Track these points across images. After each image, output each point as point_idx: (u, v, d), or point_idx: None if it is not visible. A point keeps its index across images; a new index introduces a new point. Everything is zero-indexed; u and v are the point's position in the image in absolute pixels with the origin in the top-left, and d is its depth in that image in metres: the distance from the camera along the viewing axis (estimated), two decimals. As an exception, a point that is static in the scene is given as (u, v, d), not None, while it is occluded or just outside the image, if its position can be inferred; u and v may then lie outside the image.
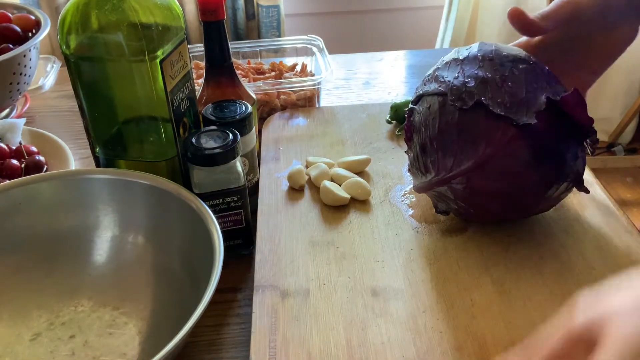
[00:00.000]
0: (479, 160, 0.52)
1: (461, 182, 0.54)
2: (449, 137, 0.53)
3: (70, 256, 0.59)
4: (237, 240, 0.63)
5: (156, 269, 0.58)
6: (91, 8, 0.54)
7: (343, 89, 0.96)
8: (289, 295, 0.54)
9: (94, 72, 0.58)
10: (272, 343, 0.49)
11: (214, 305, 0.57)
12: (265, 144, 0.76)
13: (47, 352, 0.53)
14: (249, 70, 0.89)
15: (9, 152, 0.75)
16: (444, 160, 0.54)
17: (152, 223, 0.59)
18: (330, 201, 0.65)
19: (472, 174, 0.53)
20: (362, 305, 0.52)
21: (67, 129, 0.90)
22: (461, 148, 0.52)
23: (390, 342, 0.49)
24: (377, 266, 0.57)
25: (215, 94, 0.69)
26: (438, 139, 0.54)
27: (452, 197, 0.56)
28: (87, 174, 0.61)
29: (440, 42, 2.23)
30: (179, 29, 0.59)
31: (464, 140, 0.52)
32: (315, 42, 0.92)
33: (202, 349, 0.55)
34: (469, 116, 0.52)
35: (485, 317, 0.51)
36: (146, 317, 0.56)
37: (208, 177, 0.58)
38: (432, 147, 0.55)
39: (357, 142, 0.76)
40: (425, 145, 0.56)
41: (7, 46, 0.84)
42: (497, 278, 0.55)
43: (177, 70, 0.59)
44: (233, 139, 0.59)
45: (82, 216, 0.60)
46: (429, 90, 0.56)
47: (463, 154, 0.52)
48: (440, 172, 0.55)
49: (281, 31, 2.06)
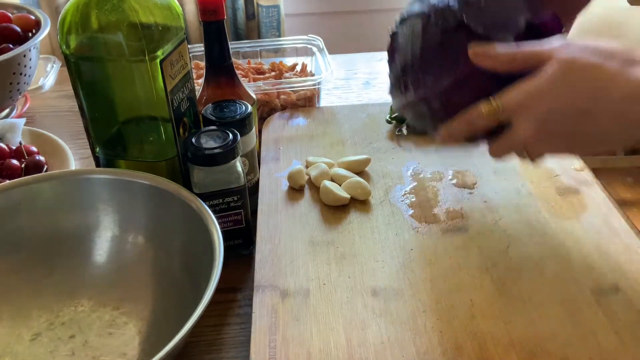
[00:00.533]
0: (458, 78, 0.53)
1: (439, 99, 0.55)
2: (431, 56, 0.55)
3: (70, 256, 0.59)
4: (237, 240, 0.63)
5: (156, 269, 0.58)
6: (91, 8, 0.54)
7: (343, 89, 0.96)
8: (289, 295, 0.54)
9: (94, 72, 0.58)
10: (272, 343, 0.49)
11: (214, 305, 0.57)
12: (265, 144, 0.76)
13: (47, 352, 0.53)
14: (249, 70, 0.89)
15: (9, 152, 0.75)
16: (425, 78, 0.55)
17: (152, 223, 0.59)
18: (330, 201, 0.65)
19: (450, 91, 0.54)
20: (362, 305, 0.52)
21: (67, 129, 0.90)
22: (441, 66, 0.54)
23: (390, 342, 0.49)
24: (377, 266, 0.57)
25: (215, 94, 0.69)
26: (420, 58, 0.55)
27: (429, 114, 0.57)
28: (87, 174, 0.61)
29: (440, 42, 2.23)
30: (179, 29, 0.59)
31: (445, 59, 0.54)
32: (315, 42, 0.92)
33: (202, 349, 0.55)
34: (450, 36, 0.53)
35: (485, 317, 0.51)
36: (146, 317, 0.56)
37: (208, 177, 0.58)
38: (413, 67, 0.56)
39: (357, 142, 0.76)
40: (407, 65, 0.57)
41: (7, 46, 0.84)
42: (497, 278, 0.55)
43: (177, 70, 0.59)
44: (233, 139, 0.59)
45: (82, 216, 0.60)
46: (412, 11, 0.57)
47: (443, 72, 0.54)
48: (421, 90, 0.56)
49: (281, 31, 2.06)
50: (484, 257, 0.57)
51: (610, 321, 0.50)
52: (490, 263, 0.56)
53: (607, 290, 0.53)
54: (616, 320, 0.50)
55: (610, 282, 0.54)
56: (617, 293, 0.53)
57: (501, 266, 0.56)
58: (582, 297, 0.52)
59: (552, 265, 0.56)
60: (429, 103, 0.56)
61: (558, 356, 0.47)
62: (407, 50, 0.57)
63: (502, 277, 0.55)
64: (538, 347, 0.48)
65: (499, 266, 0.56)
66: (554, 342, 0.49)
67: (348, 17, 2.21)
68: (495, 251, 0.58)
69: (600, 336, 0.49)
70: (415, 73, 0.56)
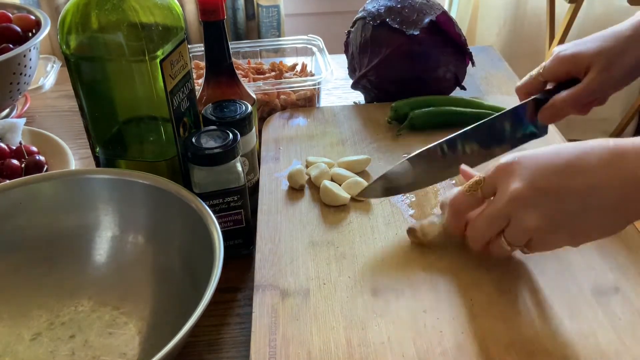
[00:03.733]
0: (382, 58, 0.80)
1: (373, 74, 0.82)
2: (366, 44, 0.82)
3: (70, 256, 0.59)
4: (237, 240, 0.63)
5: (156, 269, 0.58)
6: (91, 8, 0.54)
7: (343, 89, 0.96)
8: (289, 295, 0.54)
9: (94, 72, 0.58)
10: (272, 343, 0.49)
11: (214, 305, 0.57)
12: (265, 144, 0.76)
13: (47, 352, 0.53)
14: (249, 70, 0.89)
15: (9, 152, 0.75)
16: (364, 60, 0.83)
17: (152, 223, 0.59)
18: (330, 201, 0.65)
19: (378, 67, 0.81)
20: (362, 305, 0.52)
21: (67, 129, 0.90)
22: (372, 51, 0.81)
23: (390, 342, 0.49)
24: (377, 266, 0.57)
25: (215, 94, 0.69)
26: (360, 46, 0.83)
27: (369, 87, 0.85)
28: (87, 174, 0.61)
29: (440, 42, 2.23)
30: (179, 29, 0.59)
31: (374, 45, 0.81)
32: (315, 42, 0.92)
33: (202, 349, 0.55)
34: (378, 30, 0.80)
35: (485, 317, 0.51)
36: (146, 317, 0.56)
37: (208, 177, 0.58)
38: (357, 52, 0.84)
39: (357, 142, 0.76)
40: (354, 52, 0.85)
41: (7, 46, 0.84)
42: (497, 278, 0.55)
43: (177, 70, 0.59)
44: (233, 139, 0.59)
45: (82, 216, 0.60)
46: (358, 16, 0.84)
47: (373, 55, 0.81)
48: (362, 69, 0.83)
49: (281, 31, 2.06)
50: (484, 257, 0.57)
51: (610, 321, 0.50)
52: (491, 263, 0.56)
53: (607, 290, 0.53)
54: (616, 320, 0.50)
55: (610, 282, 0.54)
56: (617, 293, 0.53)
57: (501, 266, 0.56)
58: (582, 297, 0.52)
59: (552, 265, 0.56)
60: (368, 77, 0.83)
61: (558, 356, 0.47)
62: (354, 42, 0.85)
63: (502, 277, 0.55)
64: (538, 347, 0.48)
65: (499, 266, 0.56)
66: (554, 342, 0.49)
67: (348, 17, 2.20)
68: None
69: (600, 336, 0.49)
70: (359, 57, 0.84)
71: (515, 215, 0.48)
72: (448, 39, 0.81)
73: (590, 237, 0.49)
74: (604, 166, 0.45)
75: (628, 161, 0.45)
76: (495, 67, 1.00)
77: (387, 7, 0.80)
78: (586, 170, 0.46)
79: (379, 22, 0.79)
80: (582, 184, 0.46)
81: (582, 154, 0.47)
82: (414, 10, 0.80)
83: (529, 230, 0.48)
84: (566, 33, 1.74)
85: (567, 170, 0.47)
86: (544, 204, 0.47)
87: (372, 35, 0.80)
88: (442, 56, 0.81)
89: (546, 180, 0.47)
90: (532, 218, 0.47)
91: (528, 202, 0.47)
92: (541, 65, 0.65)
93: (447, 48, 0.81)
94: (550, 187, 0.47)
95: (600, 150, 0.46)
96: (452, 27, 0.80)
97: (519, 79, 0.69)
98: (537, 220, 0.47)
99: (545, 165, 0.48)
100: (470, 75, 0.93)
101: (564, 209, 0.47)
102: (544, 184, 0.47)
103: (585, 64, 0.61)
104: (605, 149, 0.46)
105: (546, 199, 0.47)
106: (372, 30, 0.80)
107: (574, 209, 0.46)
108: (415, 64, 0.80)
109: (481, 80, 0.96)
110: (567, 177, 0.46)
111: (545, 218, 0.47)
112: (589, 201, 0.46)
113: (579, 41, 0.64)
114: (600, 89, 0.61)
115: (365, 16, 0.82)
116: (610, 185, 0.45)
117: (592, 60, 0.61)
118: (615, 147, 0.46)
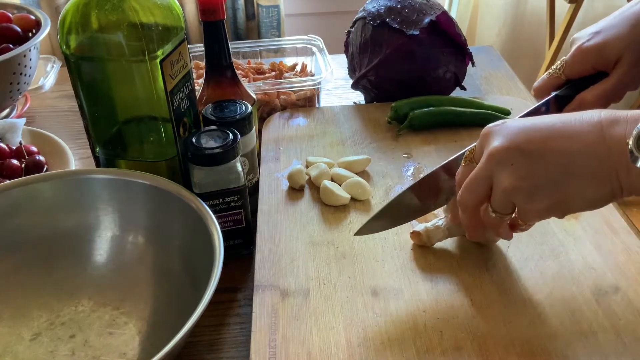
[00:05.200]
0: (382, 58, 0.80)
1: (373, 74, 0.82)
2: (366, 44, 0.82)
3: (70, 256, 0.59)
4: (237, 240, 0.63)
5: (156, 269, 0.58)
6: (91, 8, 0.54)
7: (343, 89, 0.96)
8: (289, 294, 0.54)
9: (94, 72, 0.58)
10: (272, 343, 0.49)
11: (214, 305, 0.57)
12: (265, 144, 0.76)
13: (47, 351, 0.53)
14: (249, 70, 0.89)
15: (9, 152, 0.75)
16: (364, 60, 0.83)
17: (152, 223, 0.59)
18: (330, 201, 0.65)
19: (378, 67, 0.81)
20: (362, 305, 0.52)
21: (67, 129, 0.89)
22: (372, 51, 0.81)
23: (390, 342, 0.49)
24: (377, 266, 0.57)
25: (215, 94, 0.69)
26: (361, 46, 0.83)
27: (369, 87, 0.84)
28: (87, 174, 0.61)
29: (440, 42, 2.23)
30: (179, 29, 0.59)
31: (374, 45, 0.81)
32: (315, 42, 0.92)
33: (202, 349, 0.55)
34: (378, 30, 0.80)
35: (485, 317, 0.51)
36: (146, 317, 0.56)
37: (208, 177, 0.58)
38: (357, 52, 0.84)
39: (357, 142, 0.76)
40: (354, 52, 0.85)
41: (7, 46, 0.84)
42: (497, 278, 0.55)
43: (177, 70, 0.59)
44: (233, 139, 0.59)
45: (82, 216, 0.60)
46: (358, 16, 0.84)
47: (373, 55, 0.81)
48: (362, 69, 0.83)
49: (281, 31, 2.06)
50: (484, 257, 0.57)
51: (610, 321, 0.50)
52: (490, 263, 0.56)
53: (607, 290, 0.53)
54: (616, 320, 0.50)
55: (610, 282, 0.54)
56: (617, 293, 0.53)
57: (501, 266, 0.56)
58: (582, 297, 0.52)
59: (552, 265, 0.56)
60: (368, 77, 0.83)
61: (558, 356, 0.47)
62: (354, 42, 0.85)
63: (502, 277, 0.55)
64: (538, 347, 0.48)
65: (499, 266, 0.56)
66: (554, 342, 0.49)
67: (348, 17, 2.20)
68: (495, 251, 0.58)
69: (600, 336, 0.49)
70: (359, 57, 0.84)
71: (494, 175, 0.46)
72: (448, 39, 0.81)
73: (572, 206, 0.46)
74: (590, 131, 0.43)
75: (619, 126, 0.42)
76: (495, 67, 1.00)
77: (387, 7, 0.80)
78: (571, 134, 0.44)
79: (379, 22, 0.79)
80: (564, 147, 0.43)
81: (569, 118, 0.45)
82: (414, 10, 0.80)
83: (506, 192, 0.45)
84: (566, 33, 1.74)
85: (549, 132, 0.44)
86: (521, 163, 0.45)
87: (372, 35, 0.80)
88: (442, 56, 0.81)
89: (526, 140, 0.45)
90: (507, 177, 0.45)
91: (504, 159, 0.45)
92: (561, 60, 0.60)
93: (447, 48, 0.81)
94: (529, 147, 0.44)
95: (590, 116, 0.44)
96: (452, 27, 0.80)
97: (519, 79, 0.69)
98: (513, 180, 0.45)
99: (528, 126, 0.46)
100: (470, 75, 0.93)
101: (542, 172, 0.44)
102: (522, 143, 0.45)
103: (615, 56, 0.56)
104: (595, 116, 0.44)
105: (523, 158, 0.45)
106: (372, 30, 0.80)
107: (554, 173, 0.44)
108: (415, 64, 0.80)
109: (481, 80, 0.96)
110: (549, 139, 0.44)
111: (522, 179, 0.45)
112: (571, 167, 0.43)
113: (600, 26, 0.58)
114: (633, 82, 0.57)
115: (365, 16, 0.82)
116: (595, 150, 0.42)
117: (622, 52, 0.56)
118: (606, 114, 0.43)
